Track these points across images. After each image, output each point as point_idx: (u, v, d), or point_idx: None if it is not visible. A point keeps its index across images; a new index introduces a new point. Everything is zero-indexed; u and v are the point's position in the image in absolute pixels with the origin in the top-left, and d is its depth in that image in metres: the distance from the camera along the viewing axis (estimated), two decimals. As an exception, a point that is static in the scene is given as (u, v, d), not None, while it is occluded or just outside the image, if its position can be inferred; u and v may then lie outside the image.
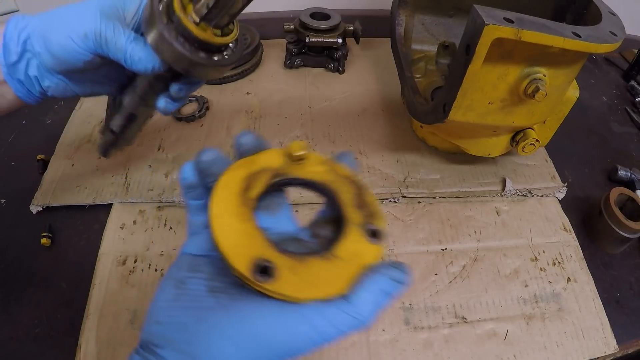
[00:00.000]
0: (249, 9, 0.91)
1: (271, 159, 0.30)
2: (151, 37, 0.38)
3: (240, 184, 0.28)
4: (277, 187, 0.30)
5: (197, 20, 0.36)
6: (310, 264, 0.25)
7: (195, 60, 0.38)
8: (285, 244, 0.27)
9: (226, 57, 0.40)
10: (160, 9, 0.37)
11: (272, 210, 0.31)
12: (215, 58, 0.39)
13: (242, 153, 0.30)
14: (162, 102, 0.45)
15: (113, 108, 0.51)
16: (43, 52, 0.39)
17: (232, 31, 0.40)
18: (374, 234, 0.28)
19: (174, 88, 0.44)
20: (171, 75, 0.43)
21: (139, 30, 0.42)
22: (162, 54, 0.39)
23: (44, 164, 0.70)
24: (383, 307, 0.26)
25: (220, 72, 0.42)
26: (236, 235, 0.25)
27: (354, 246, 0.27)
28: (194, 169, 0.29)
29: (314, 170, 0.31)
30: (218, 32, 0.39)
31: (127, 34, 0.39)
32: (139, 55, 0.39)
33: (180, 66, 0.39)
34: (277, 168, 0.30)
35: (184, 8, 0.37)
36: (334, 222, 0.30)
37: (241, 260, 0.24)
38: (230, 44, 0.41)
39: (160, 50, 0.38)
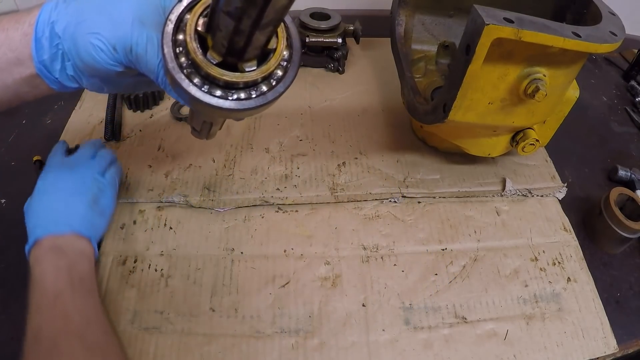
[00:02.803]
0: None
1: None
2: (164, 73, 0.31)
3: None
4: None
5: (218, 59, 0.29)
6: None
7: (208, 104, 0.29)
8: None
9: (254, 95, 0.30)
10: (181, 25, 0.30)
11: None
12: (236, 96, 0.30)
13: None
14: None
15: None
16: (74, 56, 0.35)
17: (270, 59, 0.30)
18: None
19: None
20: None
21: None
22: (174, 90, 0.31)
23: (42, 164, 0.70)
24: None
25: (244, 115, 0.32)
26: None
27: None
28: None
29: None
30: (251, 63, 0.29)
31: (157, 47, 0.33)
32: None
33: (195, 109, 0.33)
34: None
35: (197, 36, 0.29)
36: None
37: None
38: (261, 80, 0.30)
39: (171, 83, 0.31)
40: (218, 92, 0.29)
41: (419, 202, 0.66)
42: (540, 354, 0.52)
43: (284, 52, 0.31)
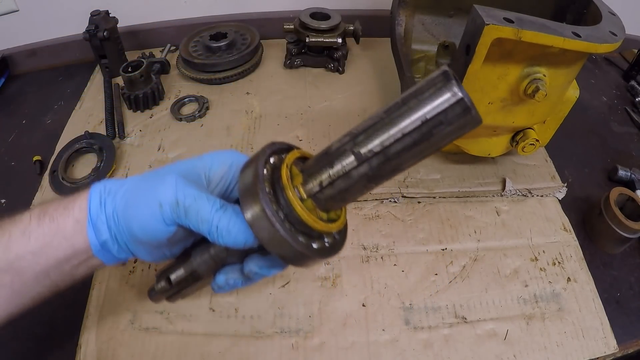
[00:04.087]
0: (249, 9, 0.92)
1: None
2: (250, 209, 0.31)
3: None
4: None
5: (305, 196, 0.31)
6: None
7: (295, 247, 0.30)
8: None
9: (327, 245, 0.33)
10: (265, 174, 0.31)
11: None
12: (315, 246, 0.32)
13: None
14: (222, 278, 0.38)
15: (178, 257, 0.42)
16: (128, 235, 0.34)
17: (340, 217, 0.33)
18: None
19: (255, 265, 0.36)
20: (262, 251, 0.37)
21: (226, 196, 0.37)
22: (258, 232, 0.31)
23: (41, 164, 0.70)
24: None
25: (314, 263, 0.33)
26: None
27: None
28: None
29: None
30: (324, 215, 0.32)
31: (212, 200, 0.33)
32: (228, 228, 0.32)
33: (275, 250, 0.32)
34: None
35: (291, 178, 0.31)
36: None
37: None
38: (335, 233, 0.34)
39: (256, 227, 0.31)
40: (301, 238, 0.31)
41: (419, 202, 0.66)
42: (540, 354, 0.52)
43: None
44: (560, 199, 0.68)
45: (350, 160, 0.28)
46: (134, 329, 0.51)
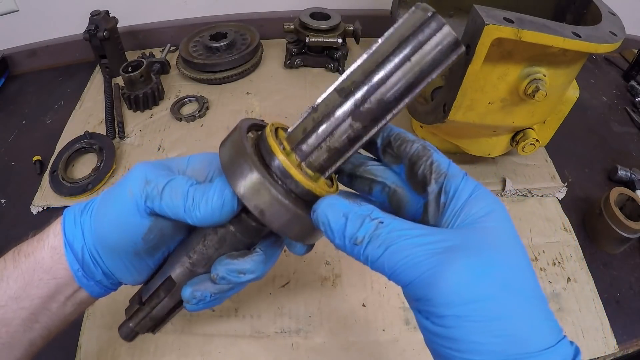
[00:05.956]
0: (249, 9, 0.92)
1: None
2: (241, 178, 0.27)
3: None
4: None
5: (311, 174, 0.29)
6: None
7: (302, 217, 0.28)
8: None
9: None
10: (251, 148, 0.29)
11: None
12: None
13: None
14: (188, 290, 0.33)
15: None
16: (101, 243, 0.32)
17: (334, 183, 0.32)
18: None
19: (224, 268, 0.32)
20: (252, 233, 0.32)
21: None
22: (255, 200, 0.28)
23: (41, 164, 0.70)
24: None
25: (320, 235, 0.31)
26: None
27: None
28: None
29: None
30: (326, 181, 0.31)
31: (186, 178, 0.31)
32: (206, 197, 0.29)
33: (275, 220, 0.28)
34: None
35: (285, 151, 0.29)
36: None
37: None
38: None
39: (250, 198, 0.28)
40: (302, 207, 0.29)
41: (419, 202, 0.66)
42: (540, 354, 0.52)
43: None
44: (560, 199, 0.68)
45: (346, 125, 0.30)
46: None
